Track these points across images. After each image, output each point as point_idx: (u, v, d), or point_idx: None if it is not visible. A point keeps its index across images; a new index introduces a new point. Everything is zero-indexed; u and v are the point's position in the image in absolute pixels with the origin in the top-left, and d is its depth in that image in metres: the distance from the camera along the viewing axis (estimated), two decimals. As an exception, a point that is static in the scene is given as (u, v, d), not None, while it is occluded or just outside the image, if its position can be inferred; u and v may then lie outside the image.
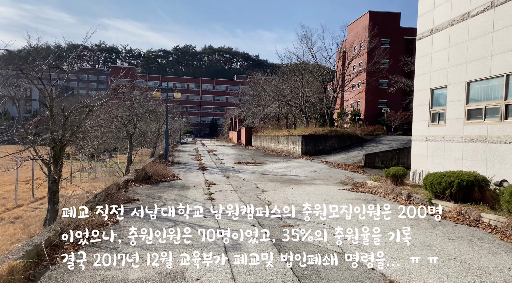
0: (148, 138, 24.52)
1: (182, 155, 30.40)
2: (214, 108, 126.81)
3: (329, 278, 5.01)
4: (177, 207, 9.40)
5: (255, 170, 19.93)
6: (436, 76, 13.27)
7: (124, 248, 6.07)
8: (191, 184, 13.61)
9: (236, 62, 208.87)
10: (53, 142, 9.74)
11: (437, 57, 13.23)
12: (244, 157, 30.32)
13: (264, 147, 46.11)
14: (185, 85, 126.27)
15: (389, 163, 23.93)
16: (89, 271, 5.11)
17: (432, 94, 13.58)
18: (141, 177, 13.71)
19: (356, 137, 32.69)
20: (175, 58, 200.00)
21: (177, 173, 17.20)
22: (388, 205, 10.49)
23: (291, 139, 34.35)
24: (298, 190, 12.79)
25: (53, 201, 9.89)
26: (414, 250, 6.40)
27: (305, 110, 35.20)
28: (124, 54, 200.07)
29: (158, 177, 14.32)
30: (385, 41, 64.35)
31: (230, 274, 5.07)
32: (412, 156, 14.89)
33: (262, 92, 42.43)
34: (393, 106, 63.19)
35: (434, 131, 13.28)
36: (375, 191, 12.85)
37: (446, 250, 6.44)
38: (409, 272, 5.30)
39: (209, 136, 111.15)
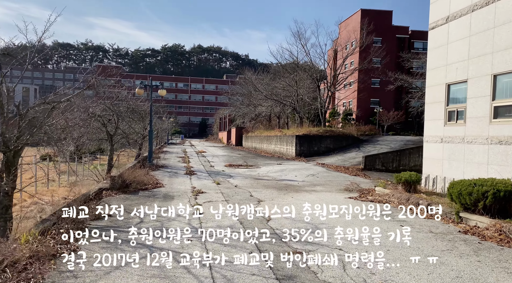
0: (132, 139, 22.65)
1: (169, 157, 28.53)
2: (204, 108, 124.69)
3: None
4: (155, 225, 7.68)
5: (247, 174, 18.24)
6: (453, 69, 11.75)
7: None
8: (176, 193, 11.85)
9: (225, 62, 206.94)
10: (4, 146, 7.90)
11: (455, 48, 11.71)
12: (235, 159, 28.60)
13: (255, 147, 44.45)
14: (173, 84, 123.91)
15: (390, 165, 22.49)
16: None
17: (448, 90, 12.06)
18: (117, 185, 11.91)
19: (352, 137, 31.24)
20: (164, 57, 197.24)
21: (161, 178, 15.41)
22: (409, 220, 8.90)
23: (284, 140, 32.74)
24: (299, 199, 11.14)
25: (4, 218, 8.06)
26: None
27: (299, 109, 33.62)
28: (111, 53, 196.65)
29: (138, 184, 12.53)
30: (377, 39, 63.22)
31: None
32: (424, 159, 13.36)
33: (253, 91, 40.77)
34: (385, 105, 62.21)
35: (451, 132, 11.76)
36: (386, 200, 11.27)
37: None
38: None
39: (198, 136, 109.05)
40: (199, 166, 21.81)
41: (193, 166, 21.44)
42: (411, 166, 22.64)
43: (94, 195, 10.82)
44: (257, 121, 47.76)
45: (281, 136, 33.66)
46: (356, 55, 56.85)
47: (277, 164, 24.41)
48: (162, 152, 34.66)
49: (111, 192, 11.59)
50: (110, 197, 11.10)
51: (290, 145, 30.99)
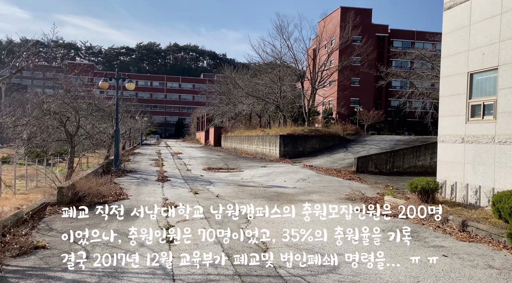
0: (97, 140, 19.88)
1: (140, 160, 25.82)
2: (180, 108, 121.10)
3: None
4: (104, 268, 5.29)
5: (230, 179, 15.93)
6: (478, 55, 9.82)
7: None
8: (142, 208, 9.39)
9: (202, 61, 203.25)
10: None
11: (480, 29, 9.78)
12: (215, 161, 26.19)
13: (235, 148, 42.09)
14: (148, 83, 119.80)
15: (383, 167, 20.66)
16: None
17: (470, 80, 10.13)
18: (67, 198, 9.38)
19: (338, 137, 29.37)
20: (139, 56, 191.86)
21: (126, 187, 12.89)
22: (448, 245, 6.82)
23: (266, 140, 30.55)
24: (298, 215, 8.92)
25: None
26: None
27: (282, 107, 31.49)
28: (83, 51, 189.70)
29: (96, 196, 10.03)
30: (357, 38, 62.05)
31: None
32: (439, 163, 11.40)
33: (232, 89, 38.41)
34: (365, 105, 61.34)
35: (476, 130, 9.82)
36: (403, 213, 9.19)
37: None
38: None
39: (174, 137, 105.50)
40: (174, 170, 19.31)
41: (167, 170, 18.92)
42: (405, 168, 20.93)
43: (33, 213, 8.27)
44: (237, 120, 45.39)
45: (263, 136, 31.46)
46: (335, 54, 55.38)
47: (261, 166, 22.18)
48: (133, 154, 31.81)
49: (57, 207, 9.07)
50: (55, 215, 8.59)
51: (274, 145, 28.84)
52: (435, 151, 22.37)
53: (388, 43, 70.04)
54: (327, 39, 54.47)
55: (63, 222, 8.01)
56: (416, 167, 21.16)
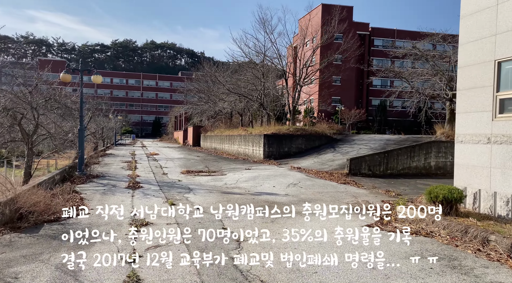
0: (62, 140, 17.59)
1: (112, 162, 23.49)
2: (157, 106, 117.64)
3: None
4: None
5: (212, 185, 14.03)
6: (507, 39, 8.30)
7: None
8: (104, 227, 7.42)
9: (180, 59, 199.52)
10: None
11: (511, 8, 8.25)
12: (194, 163, 24.15)
13: (215, 148, 40.05)
14: (124, 80, 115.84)
15: (376, 169, 19.19)
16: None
17: (498, 70, 8.60)
18: (5, 217, 7.29)
19: (325, 137, 27.83)
20: (114, 53, 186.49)
21: (89, 197, 10.81)
22: (504, 278, 5.17)
23: (249, 139, 28.71)
24: (297, 233, 7.15)
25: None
26: None
27: (266, 105, 29.68)
28: (56, 47, 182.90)
29: (45, 212, 7.96)
30: (338, 36, 61.06)
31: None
32: (457, 166, 9.85)
33: (212, 86, 36.34)
34: (346, 104, 60.63)
35: (507, 128, 8.30)
36: (425, 231, 7.55)
37: None
38: None
39: (151, 136, 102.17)
40: (148, 174, 17.22)
41: (140, 175, 16.82)
42: (399, 169, 19.54)
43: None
44: (217, 119, 43.32)
45: (245, 135, 29.60)
46: (316, 52, 54.10)
47: (246, 169, 20.33)
48: (105, 155, 29.34)
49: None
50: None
51: (257, 145, 27.03)
52: (429, 151, 21.17)
53: (369, 41, 69.55)
54: (308, 37, 53.09)
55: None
56: (411, 169, 19.83)
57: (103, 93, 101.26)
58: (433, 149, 20.24)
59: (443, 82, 23.08)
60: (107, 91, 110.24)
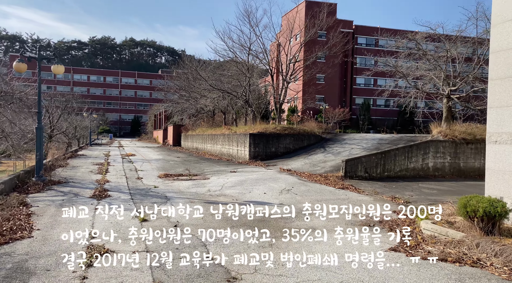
0: (17, 141, 15.32)
1: (81, 164, 21.16)
2: (137, 105, 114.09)
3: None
4: None
5: (193, 192, 12.10)
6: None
7: None
8: (45, 260, 5.43)
9: (160, 57, 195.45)
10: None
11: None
12: (173, 165, 22.09)
13: (197, 148, 37.97)
14: (101, 78, 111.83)
15: (373, 171, 17.67)
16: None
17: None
18: None
19: (314, 136, 26.22)
20: (92, 51, 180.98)
21: (40, 211, 8.72)
22: None
23: (234, 139, 26.82)
24: (306, 268, 5.36)
25: None
26: None
27: (252, 102, 27.83)
28: (30, 44, 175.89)
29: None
30: (322, 33, 59.95)
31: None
32: (489, 172, 8.24)
33: (193, 82, 34.23)
34: (330, 102, 59.71)
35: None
36: (474, 260, 5.85)
37: None
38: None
39: (130, 135, 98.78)
40: (120, 179, 15.13)
41: (111, 180, 14.71)
42: (396, 171, 18.07)
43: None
44: (198, 118, 41.20)
45: (229, 135, 27.70)
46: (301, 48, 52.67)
47: (231, 171, 18.44)
48: (75, 156, 26.88)
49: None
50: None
51: (242, 145, 25.18)
52: (427, 151, 19.77)
53: (353, 39, 68.68)
54: (293, 33, 51.52)
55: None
56: (408, 170, 18.42)
57: (79, 91, 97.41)
58: (431, 149, 18.89)
59: (441, 77, 21.78)
60: (84, 89, 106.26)
